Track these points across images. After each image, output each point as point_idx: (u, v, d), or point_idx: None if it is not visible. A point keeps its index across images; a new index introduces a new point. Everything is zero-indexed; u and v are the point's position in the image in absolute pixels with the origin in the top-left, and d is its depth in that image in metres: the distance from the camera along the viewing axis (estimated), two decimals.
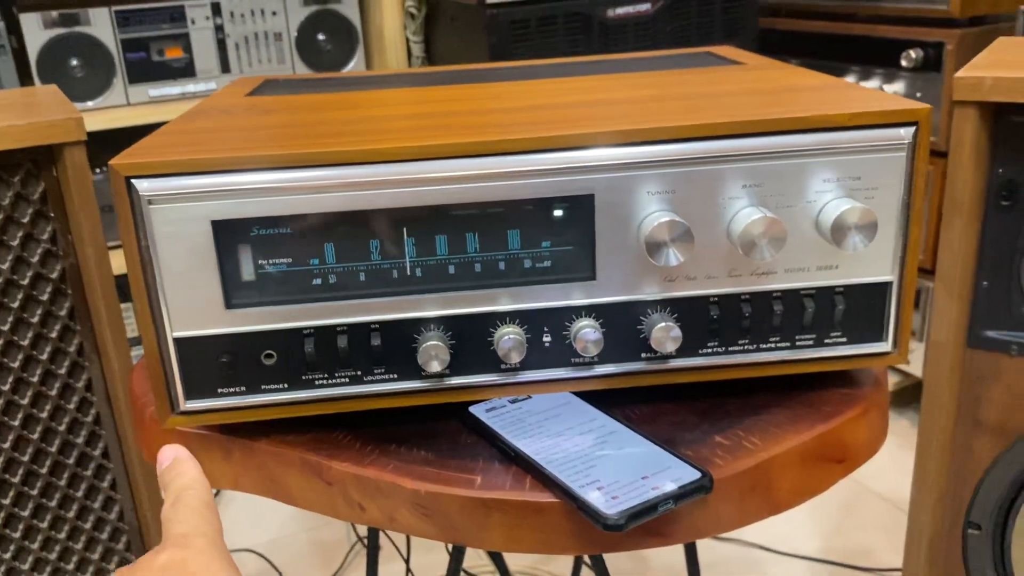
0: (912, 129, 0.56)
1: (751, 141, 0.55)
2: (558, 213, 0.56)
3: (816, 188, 0.55)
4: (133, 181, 0.52)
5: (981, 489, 0.91)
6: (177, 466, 0.48)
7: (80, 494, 0.96)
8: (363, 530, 1.56)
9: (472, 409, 0.60)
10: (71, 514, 0.95)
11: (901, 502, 1.62)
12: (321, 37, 1.88)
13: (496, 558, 1.07)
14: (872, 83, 1.76)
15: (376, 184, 0.53)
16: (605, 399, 0.60)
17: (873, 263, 0.58)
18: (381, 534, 0.98)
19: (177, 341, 0.56)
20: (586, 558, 1.08)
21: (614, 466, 0.53)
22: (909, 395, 1.90)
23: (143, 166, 0.52)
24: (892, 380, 1.94)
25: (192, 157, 0.52)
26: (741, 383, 0.62)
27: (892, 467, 1.68)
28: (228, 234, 0.54)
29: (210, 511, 0.45)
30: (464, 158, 0.54)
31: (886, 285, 0.58)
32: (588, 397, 0.61)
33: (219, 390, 0.57)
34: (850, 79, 1.81)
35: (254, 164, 0.53)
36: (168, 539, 0.43)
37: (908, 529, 0.97)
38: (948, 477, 0.93)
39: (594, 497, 0.50)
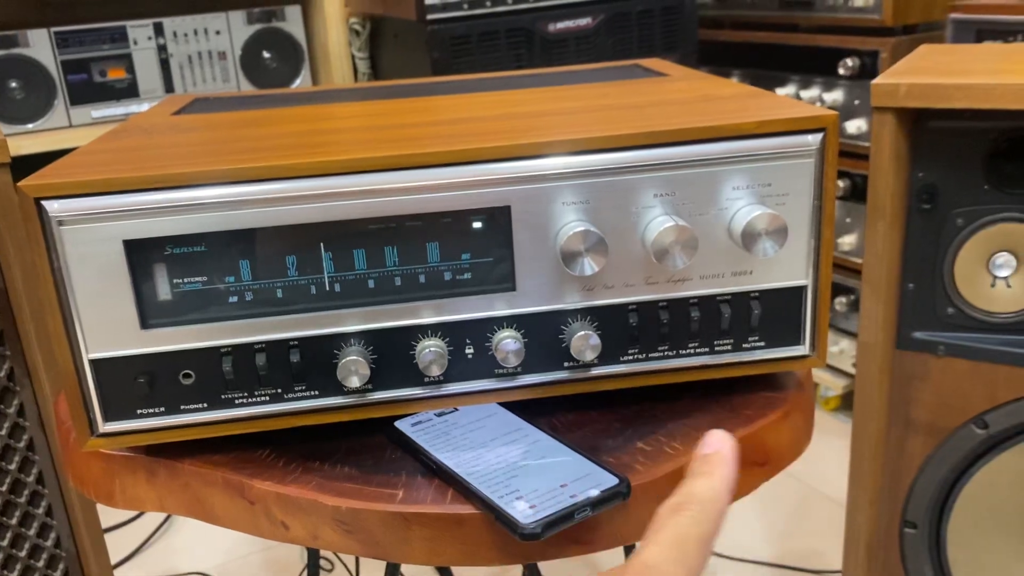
0: (820, 135, 0.57)
1: (662, 151, 0.55)
2: (476, 225, 0.56)
3: (727, 195, 0.56)
4: (43, 202, 0.52)
5: (915, 488, 0.93)
6: (708, 464, 0.40)
7: (14, 521, 0.94)
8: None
9: (398, 423, 0.60)
10: (4, 542, 0.93)
11: None
12: (266, 55, 1.88)
13: (443, 569, 1.07)
14: (812, 91, 1.80)
15: (291, 199, 0.53)
16: (533, 408, 0.60)
17: (787, 268, 0.59)
18: (328, 551, 0.98)
19: (93, 363, 0.55)
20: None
21: (535, 476, 0.53)
22: None
23: (52, 187, 0.52)
24: (841, 384, 1.97)
25: (101, 177, 0.52)
26: (666, 389, 0.63)
27: (842, 469, 1.70)
28: (141, 254, 0.53)
29: (700, 547, 0.37)
30: (380, 172, 0.54)
31: (800, 289, 0.59)
32: (515, 407, 0.61)
33: (138, 411, 0.57)
34: (790, 88, 1.84)
35: (164, 183, 0.52)
36: (635, 561, 0.36)
37: (846, 530, 0.98)
38: (882, 477, 0.94)
39: (513, 507, 0.50)
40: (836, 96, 1.74)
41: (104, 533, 1.01)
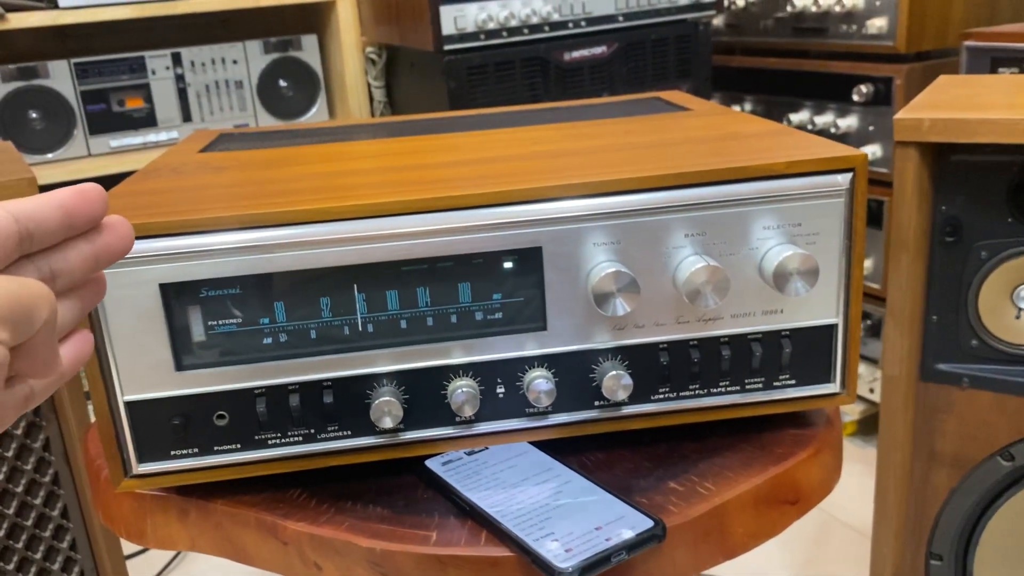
0: (849, 175, 0.57)
1: (693, 191, 0.56)
2: (507, 266, 0.57)
3: (758, 235, 0.57)
4: None
5: (940, 520, 0.92)
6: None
7: (39, 556, 0.94)
8: None
9: (428, 463, 0.60)
10: None
11: (870, 531, 1.63)
12: (283, 84, 1.89)
13: None
14: (826, 117, 1.80)
15: (326, 243, 0.54)
16: (562, 447, 0.60)
17: (817, 306, 0.59)
18: None
19: (128, 405, 0.56)
20: None
21: (568, 517, 0.53)
22: (876, 424, 1.92)
23: None
24: (858, 409, 1.96)
25: (138, 221, 0.53)
26: (695, 427, 0.63)
27: (860, 494, 1.69)
28: (177, 297, 0.54)
29: None
30: (414, 215, 0.55)
31: (831, 327, 0.60)
32: (545, 446, 0.61)
33: (172, 452, 0.57)
34: (804, 114, 1.84)
35: (200, 227, 0.53)
36: None
37: (872, 561, 0.98)
38: (908, 509, 0.94)
39: (548, 550, 0.50)
40: (850, 122, 1.75)
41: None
